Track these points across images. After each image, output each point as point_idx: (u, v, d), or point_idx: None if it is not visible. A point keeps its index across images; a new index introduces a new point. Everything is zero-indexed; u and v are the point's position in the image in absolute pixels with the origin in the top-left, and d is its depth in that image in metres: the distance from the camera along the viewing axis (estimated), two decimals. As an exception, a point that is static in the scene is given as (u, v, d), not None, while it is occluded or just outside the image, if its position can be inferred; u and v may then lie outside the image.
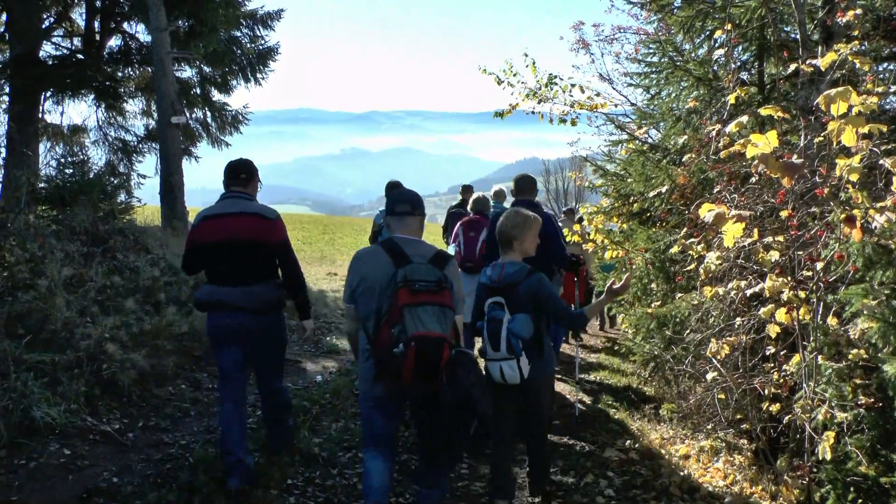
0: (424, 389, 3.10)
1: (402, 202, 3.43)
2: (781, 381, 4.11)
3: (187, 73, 15.25)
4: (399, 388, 3.11)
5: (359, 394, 3.49)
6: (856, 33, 4.46)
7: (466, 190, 9.84)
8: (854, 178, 3.22)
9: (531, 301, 3.71)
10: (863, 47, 4.31)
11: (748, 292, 4.02)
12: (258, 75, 15.41)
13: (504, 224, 3.89)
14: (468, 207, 7.42)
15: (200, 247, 4.10)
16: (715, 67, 6.19)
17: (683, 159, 5.33)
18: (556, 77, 7.86)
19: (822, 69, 3.81)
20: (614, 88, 14.79)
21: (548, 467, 4.19)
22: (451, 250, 6.84)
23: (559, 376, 7.18)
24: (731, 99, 4.69)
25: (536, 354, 3.72)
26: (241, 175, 4.27)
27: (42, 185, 8.25)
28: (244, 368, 4.25)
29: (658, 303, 5.54)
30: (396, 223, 3.43)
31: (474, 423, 3.20)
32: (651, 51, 6.92)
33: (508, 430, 3.94)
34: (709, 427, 4.94)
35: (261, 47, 15.38)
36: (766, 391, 4.18)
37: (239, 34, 15.13)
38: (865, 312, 3.33)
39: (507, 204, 7.07)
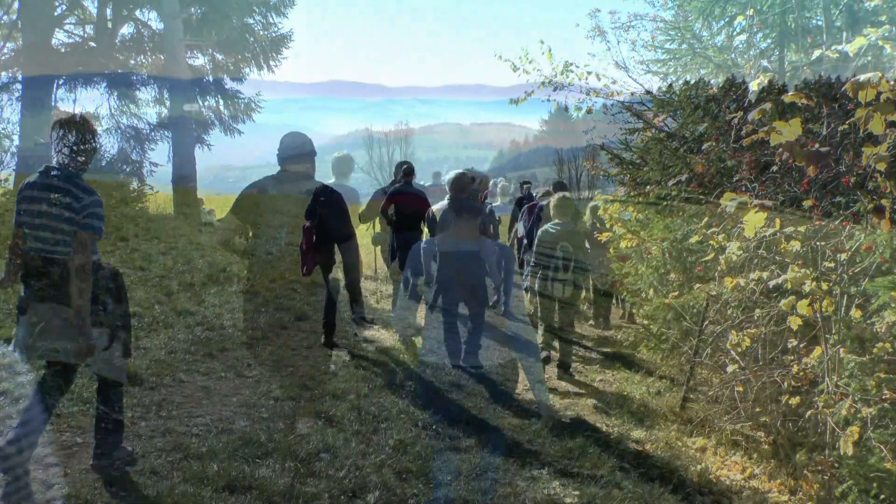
0: None
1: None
2: (801, 374, 4.03)
3: (200, 60, 15.19)
4: None
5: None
6: (883, 18, 4.34)
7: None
8: (882, 166, 3.14)
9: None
10: (892, 32, 4.20)
11: (770, 283, 3.94)
12: (271, 63, 15.34)
13: (561, 203, 6.51)
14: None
15: (393, 209, 7.49)
16: (734, 54, 6.07)
17: (703, 147, 5.23)
18: (571, 65, 7.77)
19: (851, 54, 3.71)
20: (630, 76, 14.68)
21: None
22: (520, 228, 9.26)
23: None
24: (753, 86, 4.59)
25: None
26: (410, 172, 7.84)
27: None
28: None
29: (675, 293, 5.46)
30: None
31: None
32: (669, 38, 6.80)
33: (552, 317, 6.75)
34: (726, 419, 4.87)
35: (273, 34, 15.30)
36: (786, 384, 4.10)
37: (252, 21, 15.05)
38: (893, 305, 3.24)
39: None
